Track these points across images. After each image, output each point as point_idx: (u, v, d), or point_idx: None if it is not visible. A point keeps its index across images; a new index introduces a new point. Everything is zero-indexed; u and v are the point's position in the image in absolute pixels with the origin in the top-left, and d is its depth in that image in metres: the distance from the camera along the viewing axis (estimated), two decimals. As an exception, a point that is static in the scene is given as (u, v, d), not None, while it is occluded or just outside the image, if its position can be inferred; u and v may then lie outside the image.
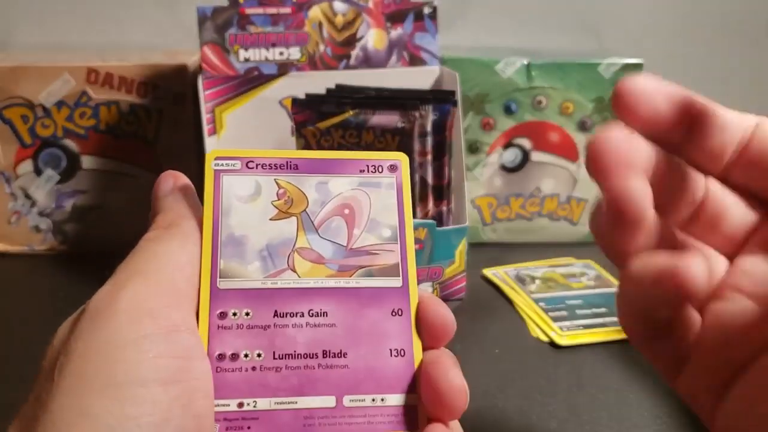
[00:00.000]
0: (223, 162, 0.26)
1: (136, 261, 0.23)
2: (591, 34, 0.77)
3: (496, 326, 0.51)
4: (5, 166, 0.60)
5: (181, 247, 0.24)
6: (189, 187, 0.27)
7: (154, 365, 0.21)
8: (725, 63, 0.79)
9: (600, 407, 0.42)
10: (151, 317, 0.21)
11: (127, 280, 0.22)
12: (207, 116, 0.56)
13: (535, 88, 0.63)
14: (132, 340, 0.21)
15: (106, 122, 0.59)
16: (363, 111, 0.49)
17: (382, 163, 0.27)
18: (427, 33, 0.59)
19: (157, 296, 0.22)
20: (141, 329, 0.21)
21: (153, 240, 0.24)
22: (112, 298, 0.22)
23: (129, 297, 0.22)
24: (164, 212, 0.26)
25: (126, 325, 0.21)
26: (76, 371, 0.20)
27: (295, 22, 0.57)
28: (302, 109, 0.49)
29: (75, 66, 0.58)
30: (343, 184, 0.26)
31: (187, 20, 0.72)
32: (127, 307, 0.21)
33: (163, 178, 0.28)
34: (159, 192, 0.27)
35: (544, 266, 0.61)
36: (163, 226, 0.25)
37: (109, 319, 0.21)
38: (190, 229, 0.25)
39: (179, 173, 0.28)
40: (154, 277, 0.23)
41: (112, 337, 0.21)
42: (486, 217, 0.67)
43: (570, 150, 0.65)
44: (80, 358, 0.20)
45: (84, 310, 0.22)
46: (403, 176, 0.27)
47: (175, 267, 0.23)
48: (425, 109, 0.49)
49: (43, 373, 0.21)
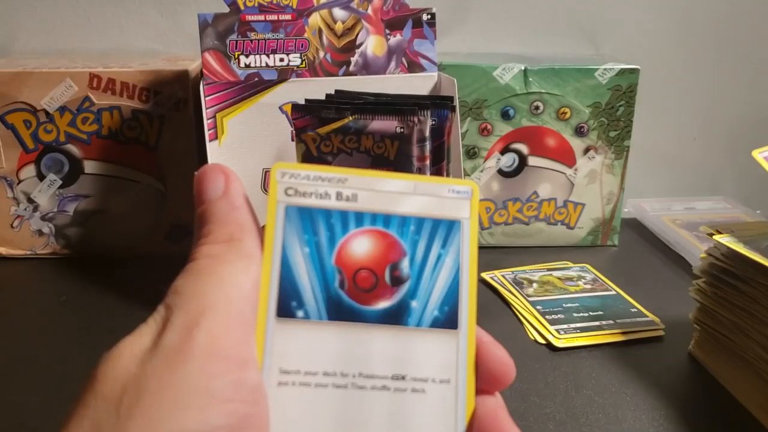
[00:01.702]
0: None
1: (203, 286, 0.22)
2: (588, 40, 0.77)
3: (494, 329, 0.51)
4: (8, 170, 0.61)
5: (246, 270, 0.23)
6: (242, 189, 0.25)
7: (223, 412, 0.20)
8: (721, 69, 0.79)
9: (597, 409, 0.42)
10: (224, 358, 0.21)
11: (200, 315, 0.21)
12: (208, 122, 0.57)
13: (533, 93, 0.64)
14: (204, 385, 0.20)
15: (108, 127, 0.60)
16: (362, 116, 0.49)
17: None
18: (426, 40, 0.60)
19: (231, 334, 0.21)
20: (214, 372, 0.20)
21: (215, 259, 0.23)
22: (187, 337, 0.21)
23: (204, 337, 0.21)
24: (221, 222, 0.24)
25: (200, 368, 0.20)
26: (147, 414, 0.20)
27: (296, 29, 0.58)
28: (302, 114, 0.50)
29: (77, 72, 0.58)
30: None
31: (188, 27, 0.73)
32: (202, 348, 0.21)
33: (210, 174, 0.25)
34: (208, 193, 0.24)
35: (542, 270, 0.61)
36: (222, 241, 0.23)
37: (184, 361, 0.20)
38: (253, 247, 0.23)
39: (228, 169, 0.25)
40: (225, 312, 0.22)
41: (186, 380, 0.20)
42: (484, 222, 0.67)
43: (567, 155, 0.66)
44: (151, 400, 0.20)
45: (156, 345, 0.21)
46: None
47: (243, 295, 0.22)
48: (424, 114, 0.49)
49: (101, 401, 0.20)
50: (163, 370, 0.20)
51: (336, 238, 0.24)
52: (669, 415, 0.42)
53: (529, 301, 0.55)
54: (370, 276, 0.24)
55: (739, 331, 0.43)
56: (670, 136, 0.81)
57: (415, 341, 0.24)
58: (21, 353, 0.48)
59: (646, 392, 0.44)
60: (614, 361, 0.48)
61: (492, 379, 0.24)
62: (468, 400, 0.24)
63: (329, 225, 0.24)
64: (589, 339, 0.50)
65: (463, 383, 0.24)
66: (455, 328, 0.24)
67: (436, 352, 0.24)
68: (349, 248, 0.24)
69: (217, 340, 0.21)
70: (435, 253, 0.25)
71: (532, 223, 0.67)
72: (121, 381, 0.20)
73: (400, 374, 0.24)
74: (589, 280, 0.59)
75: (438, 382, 0.24)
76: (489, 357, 0.24)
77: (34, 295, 0.57)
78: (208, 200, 0.24)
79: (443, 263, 0.25)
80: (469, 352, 0.24)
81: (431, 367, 0.24)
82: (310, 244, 0.24)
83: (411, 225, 0.25)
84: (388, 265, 0.25)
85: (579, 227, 0.68)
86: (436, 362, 0.24)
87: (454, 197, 0.25)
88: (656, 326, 0.51)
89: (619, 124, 0.65)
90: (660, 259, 0.66)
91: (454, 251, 0.25)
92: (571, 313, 0.53)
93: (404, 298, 0.24)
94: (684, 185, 0.83)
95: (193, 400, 0.20)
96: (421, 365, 0.24)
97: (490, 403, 0.24)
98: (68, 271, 0.61)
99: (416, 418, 0.24)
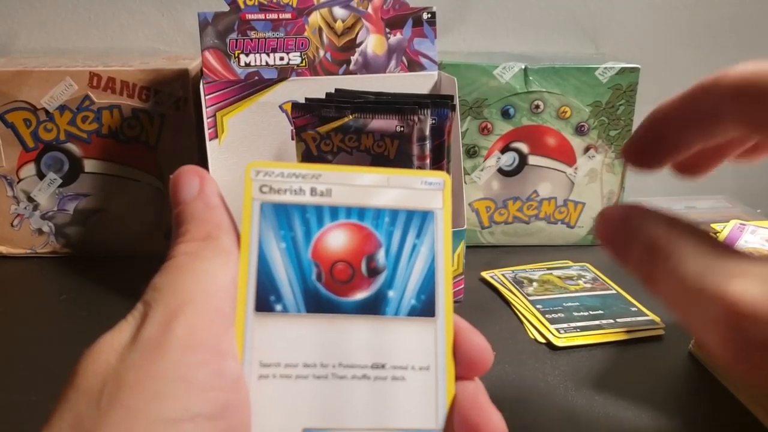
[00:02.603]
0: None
1: (181, 282, 0.22)
2: (588, 39, 0.77)
3: (494, 328, 0.52)
4: (8, 169, 0.61)
5: (224, 265, 0.23)
6: (217, 189, 0.25)
7: (203, 399, 0.20)
8: (722, 67, 0.79)
9: (597, 408, 0.42)
10: (203, 349, 0.21)
11: (178, 309, 0.22)
12: (208, 120, 0.57)
13: (533, 92, 0.64)
14: (184, 374, 0.21)
15: (108, 126, 0.60)
16: (362, 115, 0.49)
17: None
18: (426, 38, 0.60)
19: (209, 326, 0.22)
20: (193, 362, 0.21)
21: (193, 256, 0.23)
22: (165, 329, 0.21)
23: (182, 329, 0.21)
24: (197, 221, 0.24)
25: (179, 358, 0.21)
26: (127, 404, 0.20)
27: (296, 28, 0.58)
28: (302, 113, 0.50)
29: (77, 70, 0.58)
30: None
31: (188, 26, 0.73)
32: (180, 339, 0.21)
33: (185, 176, 0.25)
34: (183, 194, 0.25)
35: (542, 269, 0.61)
36: (199, 238, 0.24)
37: (163, 353, 0.21)
38: (230, 243, 0.24)
39: (202, 170, 0.26)
40: (203, 305, 0.22)
41: (165, 371, 0.20)
42: (484, 221, 0.67)
43: (567, 154, 0.66)
44: (131, 391, 0.20)
45: (135, 339, 0.21)
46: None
47: (220, 290, 0.23)
48: (424, 113, 0.49)
49: (82, 394, 0.21)
50: (142, 362, 0.21)
51: (312, 232, 0.25)
52: (669, 414, 0.42)
53: (529, 300, 0.55)
54: (347, 268, 0.25)
55: (739, 330, 0.42)
56: (670, 135, 0.81)
57: (393, 330, 0.24)
58: (21, 352, 0.48)
59: (646, 391, 0.44)
60: (614, 360, 0.48)
61: (471, 364, 0.25)
62: (448, 386, 0.24)
63: (304, 220, 0.25)
64: (589, 338, 0.50)
65: (442, 370, 0.24)
66: (432, 315, 0.25)
67: (414, 340, 0.24)
68: (325, 242, 0.25)
69: (196, 332, 0.21)
70: (410, 243, 0.25)
71: (533, 222, 0.67)
72: (101, 374, 0.21)
73: (379, 363, 0.24)
74: (590, 279, 0.59)
75: (417, 370, 0.24)
76: (467, 343, 0.25)
77: (34, 294, 0.57)
78: (184, 201, 0.25)
79: (418, 253, 0.25)
80: (447, 338, 0.25)
81: (410, 355, 0.24)
82: (286, 239, 0.25)
83: (385, 217, 0.25)
84: (364, 256, 0.25)
85: (579, 226, 0.68)
86: (415, 350, 0.24)
87: (426, 188, 0.26)
88: (656, 325, 0.51)
89: (619, 123, 0.65)
90: (660, 258, 0.66)
91: (428, 241, 0.25)
92: (571, 312, 0.53)
93: (381, 289, 0.25)
94: (684, 184, 0.83)
95: (173, 390, 0.20)
96: (400, 353, 0.24)
97: (469, 388, 0.24)
98: (68, 269, 0.61)
99: (397, 406, 0.24)
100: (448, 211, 0.26)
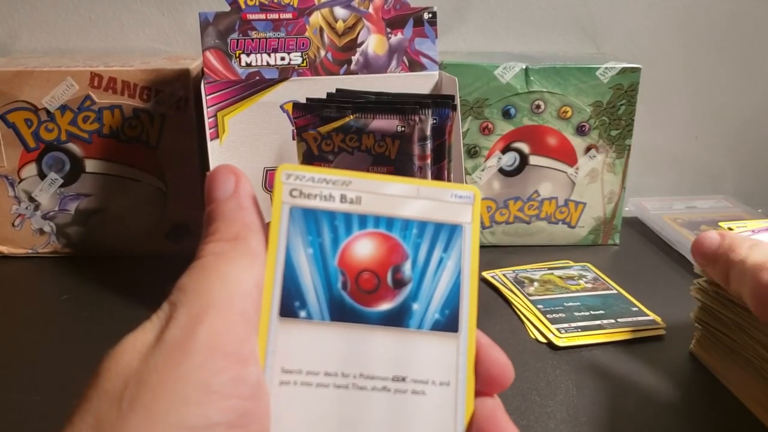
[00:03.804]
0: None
1: (207, 283, 0.22)
2: (589, 39, 0.77)
3: (495, 328, 0.52)
4: (9, 169, 0.61)
5: (250, 268, 0.23)
6: (251, 190, 0.25)
7: (223, 408, 0.20)
8: (723, 67, 0.79)
9: (598, 408, 0.42)
10: (226, 355, 0.21)
11: (203, 312, 0.21)
12: (209, 120, 0.57)
13: (534, 92, 0.64)
14: (205, 380, 0.20)
15: (109, 126, 0.60)
16: (363, 115, 0.49)
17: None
18: (427, 38, 0.60)
19: (232, 331, 0.22)
20: (215, 368, 0.21)
21: (220, 256, 0.23)
22: (189, 332, 0.21)
23: (205, 333, 0.21)
24: (227, 221, 0.24)
25: (201, 363, 0.20)
26: (148, 408, 0.20)
27: (296, 28, 0.58)
28: (303, 113, 0.50)
29: (78, 70, 0.59)
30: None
31: (189, 26, 0.73)
32: (204, 344, 0.21)
33: (221, 175, 0.25)
34: (217, 192, 0.25)
35: (543, 269, 0.61)
36: (228, 239, 0.23)
37: (186, 357, 0.20)
38: (257, 246, 0.24)
39: (238, 170, 0.25)
40: (228, 309, 0.22)
41: (187, 375, 0.20)
42: (485, 221, 0.67)
43: (568, 154, 0.66)
44: (152, 394, 0.20)
45: (159, 341, 0.21)
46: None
47: (246, 293, 0.22)
48: (425, 113, 0.49)
49: (103, 395, 0.20)
50: (165, 365, 0.20)
51: (339, 239, 0.25)
52: (670, 414, 0.42)
53: (530, 300, 0.55)
54: (373, 278, 0.25)
55: (741, 330, 0.43)
56: (671, 135, 0.81)
57: (415, 343, 0.24)
58: (22, 352, 0.48)
59: (647, 391, 0.44)
60: (615, 360, 0.48)
61: (491, 381, 0.24)
62: (467, 402, 0.24)
63: (333, 227, 0.25)
64: (590, 338, 0.50)
65: (462, 385, 0.24)
66: (456, 331, 0.25)
67: (436, 355, 0.24)
68: (353, 250, 0.25)
69: (219, 337, 0.21)
70: (437, 256, 0.25)
71: (533, 222, 0.67)
72: (123, 376, 0.20)
73: (400, 376, 0.24)
74: (590, 279, 0.59)
75: (438, 384, 0.24)
76: (488, 359, 0.24)
77: (36, 294, 0.57)
78: (217, 199, 0.25)
79: (445, 267, 0.25)
80: (469, 354, 0.24)
81: (431, 370, 0.24)
82: (313, 245, 0.24)
83: (414, 228, 0.25)
84: (390, 267, 0.25)
85: (580, 226, 0.68)
86: (436, 364, 0.24)
87: (456, 202, 0.26)
88: (657, 325, 0.51)
89: (620, 123, 0.65)
90: (661, 258, 0.66)
91: (455, 255, 0.25)
92: (572, 312, 0.53)
93: (406, 301, 0.25)
94: (685, 184, 0.83)
95: (193, 396, 0.20)
96: (421, 367, 0.24)
97: (488, 404, 0.24)
98: (69, 269, 0.61)
99: (416, 420, 0.24)
100: (476, 225, 0.26)
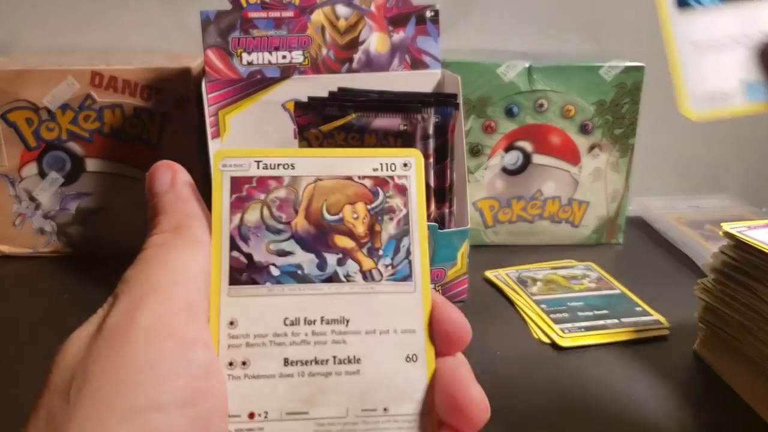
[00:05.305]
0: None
1: (148, 273, 0.22)
2: (592, 38, 0.77)
3: (498, 328, 0.51)
4: (10, 168, 0.60)
5: (193, 255, 0.23)
6: (189, 181, 0.26)
7: (172, 388, 0.20)
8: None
9: (601, 408, 0.42)
10: (170, 337, 0.21)
11: (143, 297, 0.21)
12: (210, 119, 0.57)
13: (537, 91, 0.63)
14: (150, 362, 0.20)
15: (110, 125, 0.60)
16: (365, 114, 0.49)
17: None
18: (429, 36, 0.59)
19: (174, 314, 0.21)
20: (160, 351, 0.21)
21: (162, 246, 0.23)
22: (129, 318, 0.21)
23: (146, 317, 0.21)
24: (168, 212, 0.24)
25: (145, 347, 0.20)
26: (95, 396, 0.20)
27: (298, 26, 0.57)
28: (305, 112, 0.50)
29: (79, 69, 0.58)
30: None
31: (190, 24, 0.72)
32: (145, 328, 0.21)
33: (158, 171, 0.26)
34: (156, 187, 0.26)
35: (546, 268, 0.61)
36: (169, 229, 0.24)
37: (127, 342, 0.20)
38: (200, 232, 0.24)
39: (175, 164, 0.26)
40: (169, 294, 0.22)
41: (131, 360, 0.20)
42: (488, 220, 0.67)
43: (571, 153, 0.65)
44: (98, 382, 0.20)
45: (100, 330, 0.21)
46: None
47: (189, 279, 0.22)
48: (427, 112, 0.49)
49: (53, 390, 0.20)
50: (107, 352, 0.20)
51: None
52: (674, 415, 0.42)
53: (534, 300, 0.54)
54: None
55: (745, 330, 0.42)
56: (675, 134, 0.80)
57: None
58: (22, 352, 0.47)
59: (651, 391, 0.44)
60: (619, 360, 0.47)
61: (449, 339, 0.24)
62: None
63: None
64: (594, 338, 0.49)
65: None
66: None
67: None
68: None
69: (161, 320, 0.21)
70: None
71: (537, 221, 0.67)
72: (71, 369, 0.21)
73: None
74: (594, 278, 0.59)
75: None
76: (442, 318, 0.25)
77: (36, 293, 0.57)
78: (157, 194, 0.25)
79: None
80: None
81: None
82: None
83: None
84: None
85: (583, 225, 0.67)
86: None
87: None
88: (661, 325, 0.51)
89: (623, 122, 0.65)
90: (665, 258, 0.65)
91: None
92: (576, 312, 0.53)
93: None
94: (689, 183, 0.83)
95: (140, 379, 0.20)
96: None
97: (449, 363, 0.24)
98: (70, 269, 0.61)
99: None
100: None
